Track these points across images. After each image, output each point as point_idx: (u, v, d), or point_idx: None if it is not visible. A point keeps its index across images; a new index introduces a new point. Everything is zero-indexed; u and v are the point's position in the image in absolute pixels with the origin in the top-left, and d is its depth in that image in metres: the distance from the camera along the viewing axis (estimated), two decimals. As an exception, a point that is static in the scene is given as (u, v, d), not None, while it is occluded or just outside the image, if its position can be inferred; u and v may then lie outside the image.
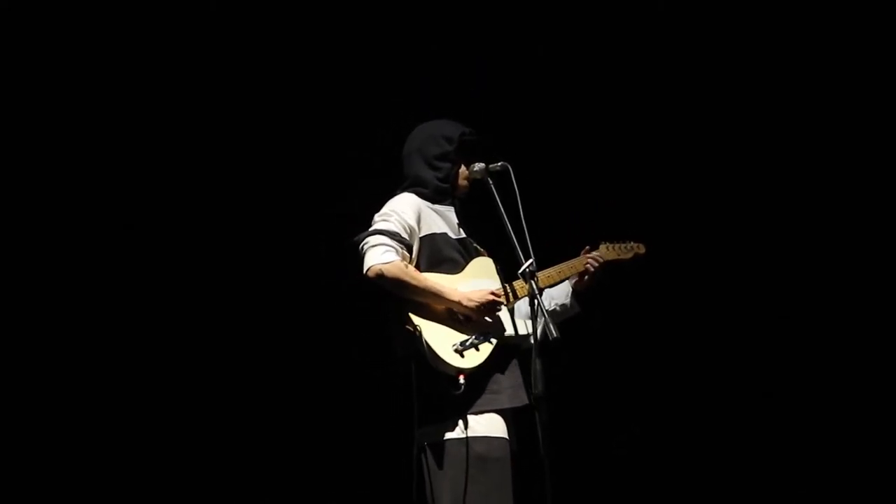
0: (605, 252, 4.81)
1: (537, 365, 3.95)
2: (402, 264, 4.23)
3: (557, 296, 4.70)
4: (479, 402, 4.22)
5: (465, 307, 4.29)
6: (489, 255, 4.57)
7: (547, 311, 4.10)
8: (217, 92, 6.67)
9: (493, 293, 4.33)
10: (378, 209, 4.46)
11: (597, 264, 4.66)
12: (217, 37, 6.64)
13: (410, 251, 4.36)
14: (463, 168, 4.58)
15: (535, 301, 4.06)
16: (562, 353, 4.02)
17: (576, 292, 4.70)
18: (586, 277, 4.67)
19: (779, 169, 7.05)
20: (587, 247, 4.73)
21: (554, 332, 3.92)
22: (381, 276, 4.19)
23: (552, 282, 4.60)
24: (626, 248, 4.89)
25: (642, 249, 4.93)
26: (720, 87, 7.03)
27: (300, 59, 6.76)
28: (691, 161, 7.05)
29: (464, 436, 4.16)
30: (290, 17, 6.72)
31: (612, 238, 4.87)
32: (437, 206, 4.53)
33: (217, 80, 6.68)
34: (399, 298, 4.27)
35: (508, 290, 4.45)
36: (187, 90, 6.65)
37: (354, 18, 6.77)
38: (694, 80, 7.04)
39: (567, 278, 4.67)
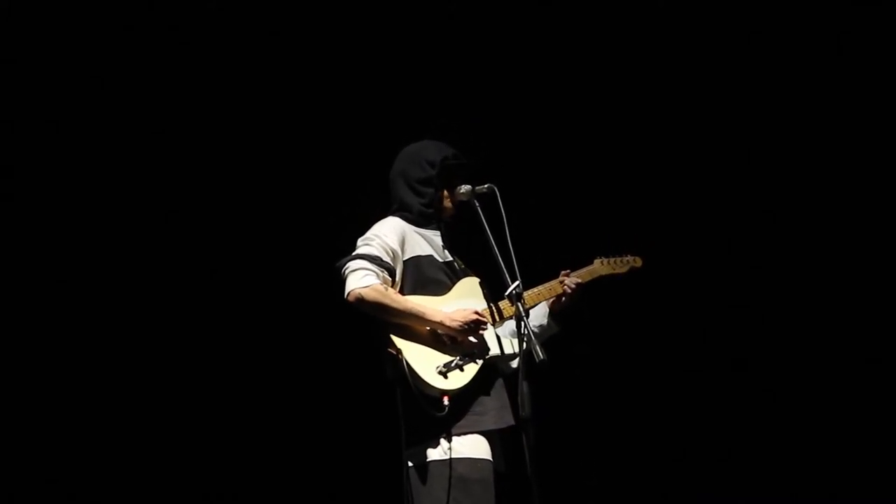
0: (600, 267, 4.82)
1: (524, 387, 3.95)
2: (382, 287, 4.24)
3: (535, 317, 4.66)
4: (462, 423, 4.22)
5: (449, 328, 4.29)
6: (476, 277, 4.56)
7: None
8: (222, 98, 6.72)
9: (476, 313, 4.32)
10: (368, 228, 4.47)
11: (573, 286, 4.62)
12: (224, 46, 6.68)
13: (393, 275, 4.36)
14: (446, 193, 4.57)
15: (522, 323, 4.05)
16: (549, 376, 4.00)
17: (553, 312, 4.68)
18: (563, 299, 4.65)
19: (763, 184, 7.09)
20: (566, 270, 4.70)
21: (540, 353, 3.91)
22: (360, 300, 4.21)
23: (530, 304, 4.54)
24: (621, 262, 4.89)
25: (639, 263, 4.93)
26: (708, 100, 7.07)
27: (303, 65, 6.78)
28: (680, 177, 7.08)
29: (447, 457, 4.17)
30: (295, 28, 6.74)
31: (609, 252, 4.87)
32: (422, 230, 4.53)
33: (221, 85, 6.72)
34: (381, 322, 4.28)
35: (494, 312, 4.45)
36: (192, 96, 6.69)
37: (358, 28, 6.79)
38: (681, 95, 7.07)
39: (546, 300, 4.65)
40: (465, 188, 4.48)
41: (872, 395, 6.83)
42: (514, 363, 4.33)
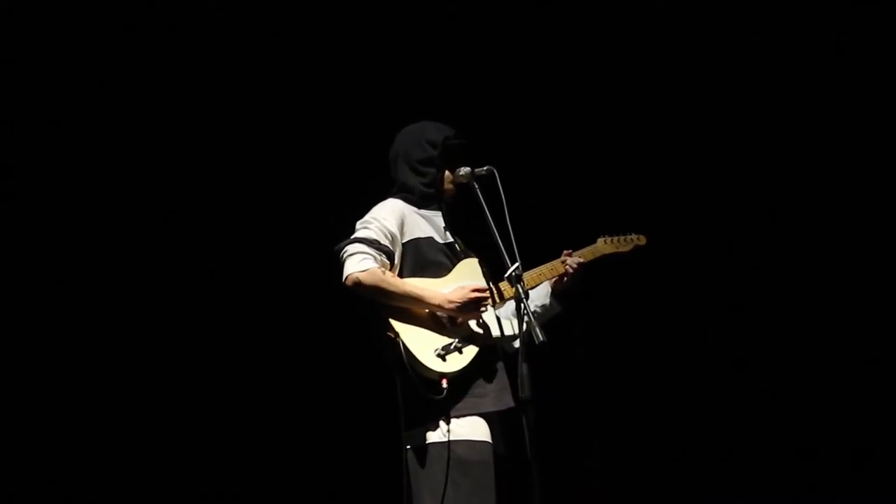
0: (603, 246, 4.78)
1: (524, 369, 3.93)
2: (380, 271, 4.21)
3: (537, 297, 4.64)
4: (462, 405, 4.20)
5: (448, 309, 4.26)
6: (477, 258, 4.52)
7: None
8: (222, 98, 6.73)
9: (474, 290, 4.28)
10: (364, 214, 4.45)
11: (575, 266, 4.60)
12: (224, 46, 6.70)
13: (392, 258, 4.33)
14: (448, 173, 4.54)
15: (522, 305, 4.02)
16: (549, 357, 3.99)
17: (555, 292, 4.67)
18: (565, 279, 4.63)
19: (763, 184, 7.09)
20: (567, 249, 4.67)
21: (540, 335, 3.88)
22: (358, 284, 4.19)
23: (532, 285, 4.53)
24: (625, 240, 4.84)
25: (643, 241, 4.87)
26: (708, 100, 7.08)
27: (303, 65, 6.79)
28: (681, 177, 7.11)
29: (445, 439, 4.15)
30: (295, 28, 6.76)
31: (612, 231, 4.84)
32: (423, 211, 4.50)
33: (221, 85, 6.73)
34: (380, 305, 4.25)
35: (495, 293, 4.41)
36: (191, 96, 6.70)
37: (358, 29, 6.80)
38: (680, 95, 7.09)
39: (548, 280, 4.63)
40: (464, 170, 4.44)
41: (872, 395, 6.81)
42: (516, 344, 4.26)
